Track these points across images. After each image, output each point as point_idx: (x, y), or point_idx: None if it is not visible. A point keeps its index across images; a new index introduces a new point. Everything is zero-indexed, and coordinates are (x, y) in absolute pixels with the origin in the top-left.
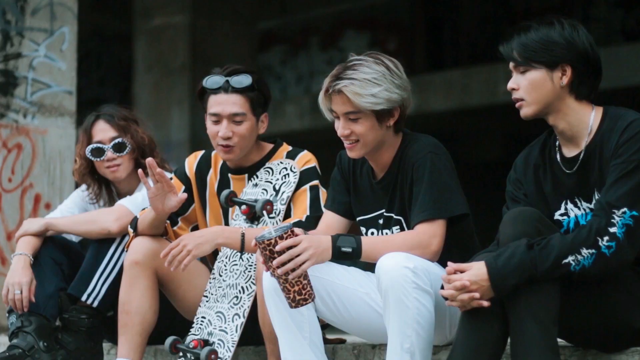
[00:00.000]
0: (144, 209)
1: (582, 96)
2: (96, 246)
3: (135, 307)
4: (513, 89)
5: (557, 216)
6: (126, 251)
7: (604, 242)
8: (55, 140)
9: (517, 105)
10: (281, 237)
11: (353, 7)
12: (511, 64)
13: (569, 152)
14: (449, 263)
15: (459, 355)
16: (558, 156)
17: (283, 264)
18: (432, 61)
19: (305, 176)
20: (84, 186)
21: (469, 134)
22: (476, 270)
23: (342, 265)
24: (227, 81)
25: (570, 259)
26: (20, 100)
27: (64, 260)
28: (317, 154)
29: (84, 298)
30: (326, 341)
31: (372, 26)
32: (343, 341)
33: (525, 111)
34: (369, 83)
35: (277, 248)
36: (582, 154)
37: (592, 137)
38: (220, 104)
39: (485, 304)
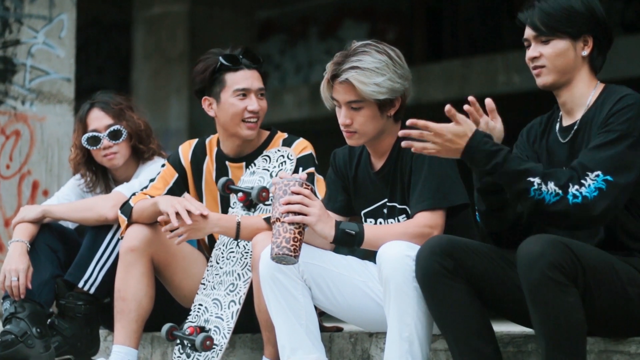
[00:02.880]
0: (134, 193)
1: (596, 68)
2: (93, 233)
3: (131, 294)
4: (534, 57)
5: None
6: (121, 238)
7: (572, 189)
8: (54, 127)
9: (536, 72)
10: (301, 185)
11: None
12: (530, 33)
13: (566, 122)
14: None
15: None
16: (557, 126)
17: (291, 205)
18: (431, 51)
19: (302, 163)
20: (79, 175)
21: None
22: (465, 128)
23: (339, 254)
24: (246, 58)
25: (536, 181)
26: (19, 87)
27: (60, 247)
28: (315, 143)
29: (80, 284)
30: (323, 329)
31: (371, 16)
32: (340, 329)
33: (545, 80)
34: (373, 72)
35: (294, 189)
36: (576, 125)
37: (587, 109)
38: (248, 78)
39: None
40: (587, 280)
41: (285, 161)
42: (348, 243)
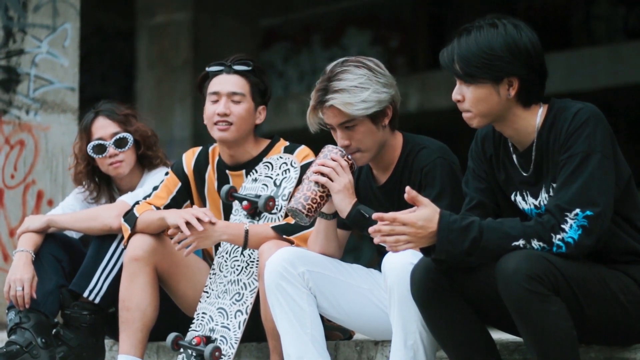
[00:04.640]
0: (137, 202)
1: (530, 103)
2: (98, 242)
3: (136, 303)
4: (458, 100)
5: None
6: (124, 248)
7: (556, 239)
8: (58, 136)
9: (464, 115)
10: (342, 156)
11: (355, 5)
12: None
13: (519, 145)
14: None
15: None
16: (511, 148)
17: (323, 167)
18: (435, 59)
19: (305, 171)
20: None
21: (471, 132)
22: (430, 209)
23: (345, 262)
24: (230, 65)
25: (520, 242)
26: (23, 96)
27: (65, 257)
28: (319, 151)
29: (85, 294)
30: (329, 336)
31: (374, 24)
32: (350, 336)
33: (476, 123)
34: (356, 89)
35: (334, 156)
36: (533, 151)
37: (538, 133)
38: (221, 83)
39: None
40: (573, 291)
41: (289, 169)
42: (359, 224)
